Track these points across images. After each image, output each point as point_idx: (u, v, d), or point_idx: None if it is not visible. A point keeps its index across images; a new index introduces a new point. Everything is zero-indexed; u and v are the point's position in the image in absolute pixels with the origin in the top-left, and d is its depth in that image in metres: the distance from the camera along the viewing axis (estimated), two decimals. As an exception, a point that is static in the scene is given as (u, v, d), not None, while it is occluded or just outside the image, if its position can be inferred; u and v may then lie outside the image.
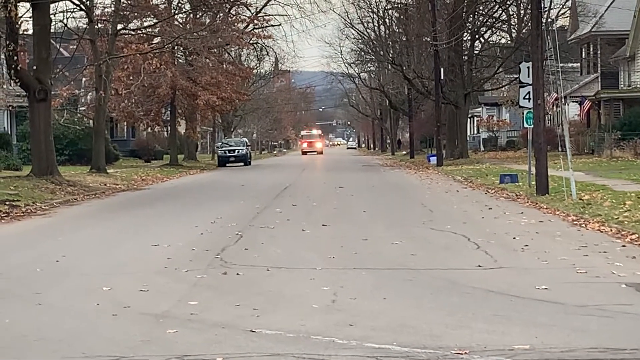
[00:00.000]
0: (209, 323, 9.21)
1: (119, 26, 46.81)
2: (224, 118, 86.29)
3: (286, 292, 10.94)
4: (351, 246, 15.08)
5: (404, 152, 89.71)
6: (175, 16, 55.48)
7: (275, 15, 72.03)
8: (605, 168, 35.67)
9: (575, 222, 18.03)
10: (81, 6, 41.65)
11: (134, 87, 50.12)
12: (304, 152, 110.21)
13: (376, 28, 76.63)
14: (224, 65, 63.79)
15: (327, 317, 9.37)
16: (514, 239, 15.58)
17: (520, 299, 10.17)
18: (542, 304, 9.88)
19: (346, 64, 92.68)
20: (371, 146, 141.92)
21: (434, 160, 52.12)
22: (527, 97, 26.47)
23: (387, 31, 75.41)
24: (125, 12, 48.65)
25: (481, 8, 56.41)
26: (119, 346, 8.33)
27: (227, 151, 65.67)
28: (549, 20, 47.00)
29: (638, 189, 23.60)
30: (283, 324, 9.03)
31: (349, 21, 78.54)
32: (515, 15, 59.78)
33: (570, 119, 52.48)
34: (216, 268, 12.91)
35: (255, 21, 65.58)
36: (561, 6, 59.37)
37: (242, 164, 64.51)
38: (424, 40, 59.15)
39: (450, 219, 19.28)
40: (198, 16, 60.13)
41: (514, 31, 60.30)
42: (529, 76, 25.96)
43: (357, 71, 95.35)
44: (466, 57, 57.43)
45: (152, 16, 52.18)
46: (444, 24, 52.14)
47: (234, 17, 62.38)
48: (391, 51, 71.29)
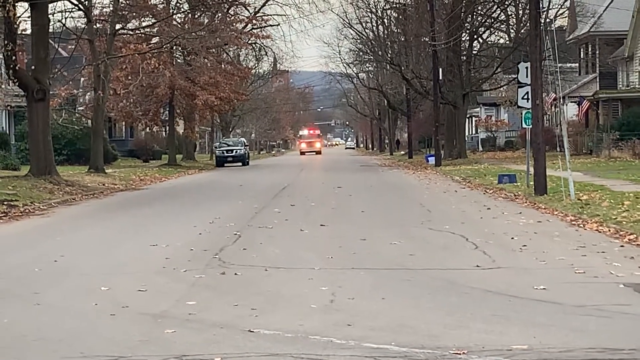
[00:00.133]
0: (208, 323, 9.22)
1: (118, 26, 46.80)
2: (222, 118, 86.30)
3: (284, 292, 10.94)
4: (349, 246, 15.09)
5: (402, 152, 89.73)
6: (174, 16, 55.46)
7: (274, 15, 71.99)
8: (604, 168, 35.68)
9: (573, 222, 18.04)
10: (79, 6, 41.65)
11: (133, 87, 50.10)
12: (302, 152, 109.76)
13: (375, 28, 76.69)
14: (223, 65, 63.80)
15: (325, 317, 9.38)
16: (512, 239, 15.59)
17: (519, 299, 10.18)
18: (541, 304, 9.89)
19: (345, 64, 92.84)
20: (369, 146, 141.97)
21: (432, 160, 52.14)
22: (526, 97, 26.48)
23: (386, 31, 75.45)
24: (123, 12, 48.64)
25: (480, 8, 56.45)
26: (117, 346, 8.34)
27: (225, 151, 65.64)
28: (548, 20, 47.05)
29: (636, 189, 23.61)
30: (281, 324, 9.04)
31: (347, 21, 78.57)
32: (513, 16, 59.80)
33: (568, 119, 52.53)
34: (214, 268, 12.91)
35: (254, 21, 65.63)
36: (560, 6, 59.40)
37: (240, 164, 64.48)
38: (422, 40, 59.17)
39: (448, 219, 19.29)
40: (196, 16, 60.12)
41: (512, 31, 60.30)
42: (527, 76, 25.97)
43: (355, 71, 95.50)
44: (465, 57, 57.46)
45: (150, 16, 52.18)
46: (443, 24, 52.17)
47: (233, 17, 62.39)
48: (390, 51, 71.34)
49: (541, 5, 26.53)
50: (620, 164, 38.87)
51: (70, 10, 41.56)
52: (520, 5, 56.08)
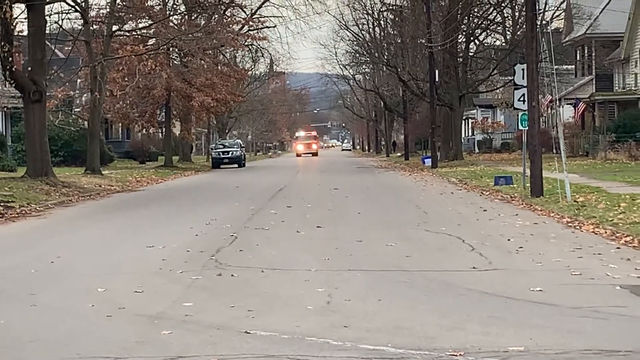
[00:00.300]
0: (204, 324, 9.22)
1: (114, 27, 46.77)
2: (218, 119, 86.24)
3: (281, 294, 10.95)
4: (346, 248, 15.09)
5: (398, 153, 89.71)
6: (170, 18, 55.46)
7: (270, 17, 71.95)
8: (600, 170, 35.71)
9: (569, 224, 18.05)
10: (76, 7, 41.61)
11: (129, 89, 50.05)
12: (298, 154, 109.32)
13: (371, 30, 76.70)
14: (219, 67, 63.79)
15: (321, 319, 9.38)
16: (508, 240, 15.59)
17: (515, 301, 10.19)
18: (537, 305, 9.90)
19: (341, 66, 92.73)
20: (366, 148, 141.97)
21: (428, 162, 52.13)
22: (522, 99, 26.50)
23: (382, 33, 75.47)
24: (120, 14, 48.60)
25: (476, 10, 56.47)
26: (114, 347, 8.34)
27: (221, 153, 65.54)
28: (544, 22, 47.12)
29: (632, 191, 23.63)
30: (278, 325, 9.04)
31: (343, 23, 78.58)
32: (510, 18, 59.89)
33: (564, 121, 52.59)
34: (211, 269, 12.91)
35: (250, 23, 65.61)
36: (556, 8, 59.49)
37: (236, 165, 64.42)
38: (418, 42, 59.21)
39: (444, 221, 19.29)
40: (193, 18, 60.07)
41: (508, 33, 60.38)
42: (523, 78, 25.99)
43: (351, 73, 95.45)
44: (461, 59, 57.47)
45: (147, 18, 52.16)
46: (439, 25, 52.18)
47: (229, 19, 62.40)
48: (386, 53, 71.33)
49: (537, 7, 26.57)
50: (616, 165, 38.90)
51: (66, 11, 41.52)
52: (517, 7, 56.18)
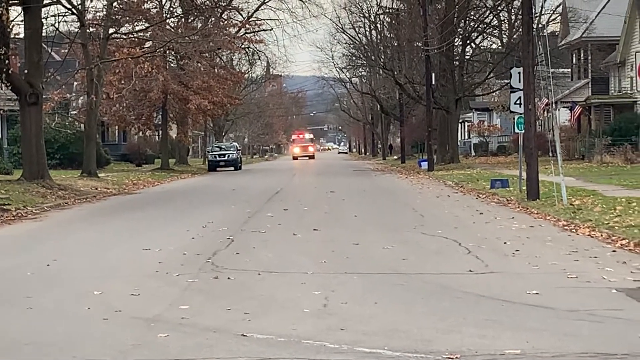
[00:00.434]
0: (200, 327, 9.21)
1: (111, 30, 46.79)
2: (215, 122, 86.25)
3: (277, 297, 10.94)
4: (342, 250, 15.09)
5: (395, 156, 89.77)
6: (167, 20, 55.48)
7: (267, 19, 72.19)
8: (596, 173, 35.73)
9: (565, 227, 18.06)
10: (73, 10, 41.59)
11: (126, 91, 50.00)
12: (295, 157, 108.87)
13: (367, 33, 76.79)
14: (216, 70, 63.81)
15: (318, 322, 9.38)
16: (504, 243, 15.60)
17: (511, 304, 10.19)
18: (533, 308, 9.90)
19: (338, 69, 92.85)
20: (362, 151, 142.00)
21: (425, 165, 52.13)
22: (518, 102, 26.52)
23: (379, 36, 75.57)
24: (117, 16, 48.65)
25: (472, 13, 56.53)
26: (110, 350, 8.33)
27: (217, 155, 65.47)
28: (540, 25, 47.19)
29: (628, 194, 23.65)
30: (274, 328, 9.03)
31: (340, 26, 78.75)
32: (506, 21, 59.98)
33: (560, 125, 52.59)
34: (207, 272, 12.90)
35: (247, 26, 65.59)
36: (552, 12, 59.66)
37: (232, 168, 64.38)
38: (415, 45, 59.25)
39: (441, 224, 19.30)
40: (190, 20, 60.12)
41: (505, 37, 60.50)
42: (519, 81, 26.02)
43: (348, 76, 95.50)
44: (457, 63, 57.54)
45: (143, 20, 52.22)
46: (436, 29, 52.23)
47: (226, 22, 62.39)
48: (382, 56, 71.42)
49: (533, 11, 26.58)
50: (612, 169, 38.94)
51: (63, 14, 41.52)
52: (513, 11, 56.28)
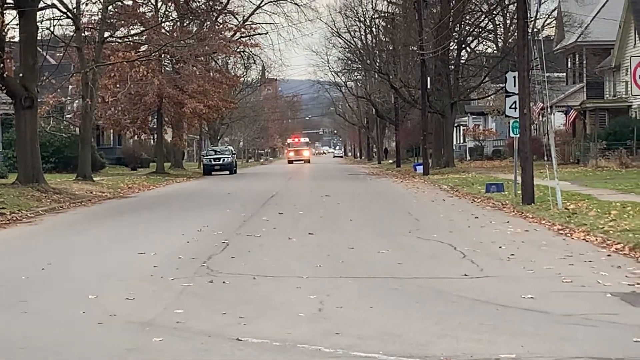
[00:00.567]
0: (195, 331, 9.20)
1: (106, 34, 46.73)
2: (210, 126, 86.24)
3: (273, 301, 10.93)
4: (338, 255, 15.08)
5: (390, 160, 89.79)
6: (162, 24, 55.46)
7: (263, 23, 72.06)
8: (591, 178, 35.76)
9: (560, 232, 18.07)
10: (68, 14, 41.58)
11: (121, 95, 49.99)
12: (290, 160, 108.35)
13: (363, 37, 76.92)
14: (211, 74, 63.77)
15: (313, 326, 9.37)
16: (500, 248, 15.60)
17: (506, 308, 10.19)
18: (528, 313, 9.91)
19: (333, 73, 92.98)
20: (357, 155, 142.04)
21: (420, 169, 52.16)
22: (513, 106, 26.55)
23: (374, 40, 75.66)
24: (112, 20, 48.60)
25: (468, 17, 56.59)
26: (105, 354, 8.32)
27: (212, 159, 65.34)
28: (535, 30, 47.22)
29: (623, 198, 23.68)
30: (269, 332, 9.03)
31: (336, 30, 78.89)
32: (501, 25, 60.04)
33: (556, 129, 52.75)
34: (202, 276, 12.89)
35: (243, 29, 65.67)
36: (547, 16, 59.76)
37: (227, 172, 64.28)
38: (410, 49, 59.32)
39: (436, 228, 19.30)
40: (185, 24, 60.13)
41: (500, 41, 60.53)
42: (515, 86, 26.04)
43: (343, 80, 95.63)
44: (453, 67, 57.57)
45: (139, 24, 52.15)
46: (431, 33, 52.26)
47: (221, 26, 62.46)
48: (378, 60, 71.46)
49: (529, 15, 26.62)
50: (607, 173, 38.97)
51: (58, 17, 41.48)
52: (508, 15, 56.35)
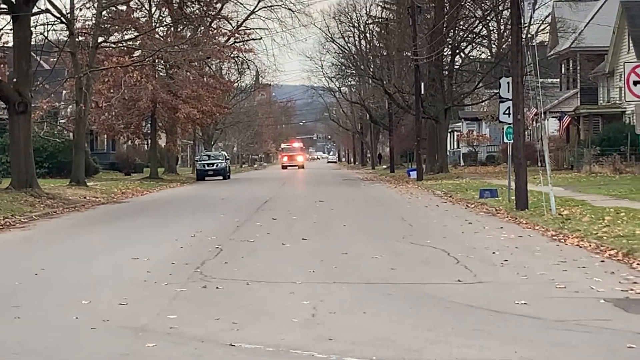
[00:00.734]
0: (189, 337, 9.19)
1: (100, 39, 46.75)
2: (204, 131, 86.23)
3: (266, 306, 10.92)
4: (331, 260, 15.07)
5: (384, 166, 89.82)
6: (156, 29, 55.45)
7: (257, 29, 72.20)
8: (585, 183, 35.80)
9: (554, 237, 18.08)
10: (62, 19, 41.55)
11: (115, 100, 49.97)
12: (284, 166, 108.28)
13: (357, 42, 77.03)
14: (205, 79, 63.77)
15: (306, 331, 9.36)
16: (493, 253, 15.60)
17: (500, 314, 10.19)
18: (522, 318, 9.91)
19: (327, 78, 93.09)
20: (351, 160, 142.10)
21: (414, 174, 52.16)
22: (507, 112, 26.59)
23: (368, 46, 75.78)
24: (106, 25, 48.60)
25: (462, 23, 56.68)
26: (98, 360, 8.31)
27: (205, 165, 65.27)
28: (529, 35, 47.29)
29: (617, 204, 23.72)
30: (262, 337, 9.02)
31: (330, 35, 78.99)
32: (495, 31, 60.13)
33: (549, 135, 52.79)
34: (196, 282, 12.87)
35: (236, 35, 65.66)
36: (541, 22, 59.83)
37: (221, 177, 64.22)
38: (404, 54, 59.36)
39: (430, 234, 19.31)
40: (179, 30, 60.14)
41: (494, 46, 60.61)
42: (508, 91, 26.08)
43: (337, 85, 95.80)
44: (446, 72, 57.66)
45: (133, 29, 52.17)
46: (425, 38, 52.32)
47: (215, 31, 62.43)
48: (372, 65, 71.56)
49: (522, 21, 26.66)
50: (601, 179, 39.02)
51: (52, 23, 41.42)
52: (502, 21, 56.42)
